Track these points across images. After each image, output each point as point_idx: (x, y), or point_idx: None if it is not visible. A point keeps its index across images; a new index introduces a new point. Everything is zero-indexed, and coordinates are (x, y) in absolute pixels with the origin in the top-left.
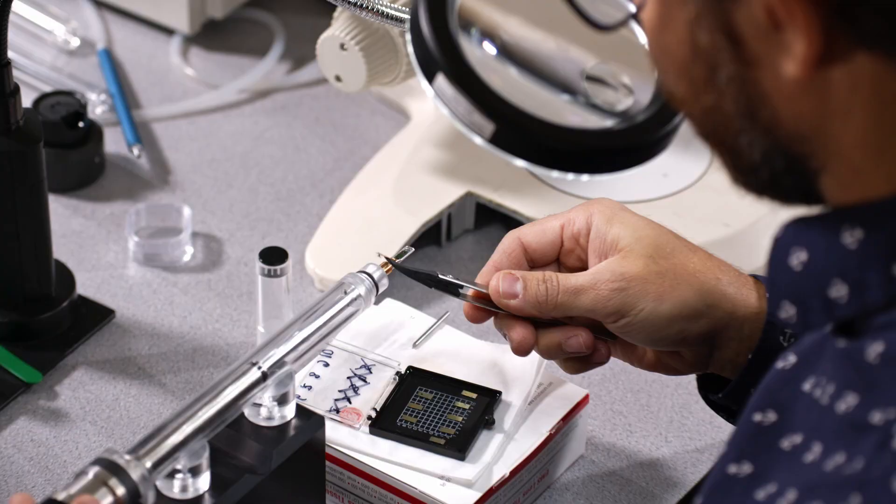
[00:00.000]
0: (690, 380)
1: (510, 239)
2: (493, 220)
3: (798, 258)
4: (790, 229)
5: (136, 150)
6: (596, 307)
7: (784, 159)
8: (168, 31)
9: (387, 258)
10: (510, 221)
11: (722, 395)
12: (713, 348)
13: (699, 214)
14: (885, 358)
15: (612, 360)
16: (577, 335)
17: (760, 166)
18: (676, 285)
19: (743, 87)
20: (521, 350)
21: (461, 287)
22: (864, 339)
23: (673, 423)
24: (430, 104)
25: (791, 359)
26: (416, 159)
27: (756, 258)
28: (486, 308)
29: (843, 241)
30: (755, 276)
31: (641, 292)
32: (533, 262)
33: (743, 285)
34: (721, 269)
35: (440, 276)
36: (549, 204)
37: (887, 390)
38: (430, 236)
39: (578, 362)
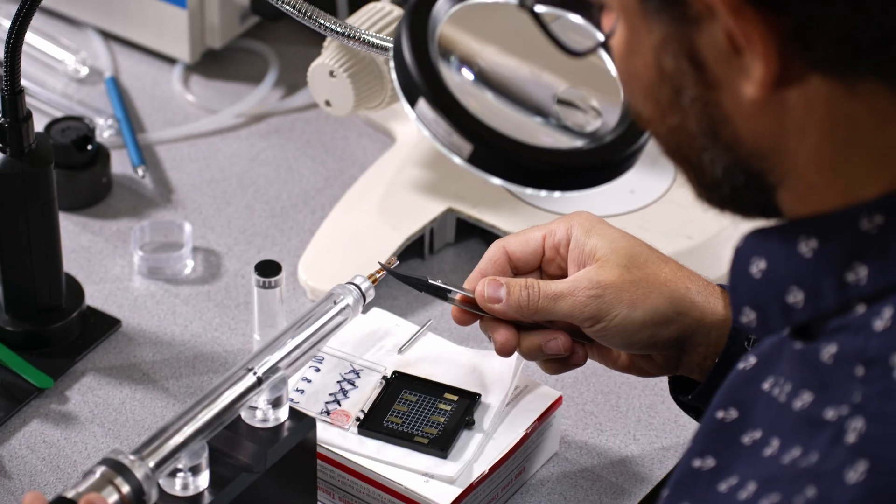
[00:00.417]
0: (657, 382)
1: (495, 248)
2: (472, 235)
3: (757, 266)
4: (750, 240)
5: (140, 171)
6: (574, 312)
7: (744, 175)
8: (170, 60)
9: (381, 264)
10: (489, 235)
11: (691, 396)
12: (682, 352)
13: (664, 228)
14: (837, 358)
15: (587, 362)
16: (557, 338)
17: (722, 182)
18: (649, 293)
19: (705, 108)
20: (504, 351)
21: (449, 291)
22: (819, 341)
23: (641, 422)
24: (413, 127)
25: (751, 360)
26: (400, 178)
27: (718, 268)
28: (472, 312)
29: (800, 251)
30: (722, 286)
31: (616, 299)
32: (516, 269)
33: (711, 294)
34: (690, 279)
35: (430, 282)
36: (525, 219)
37: (840, 388)
38: (414, 249)
39: (557, 364)
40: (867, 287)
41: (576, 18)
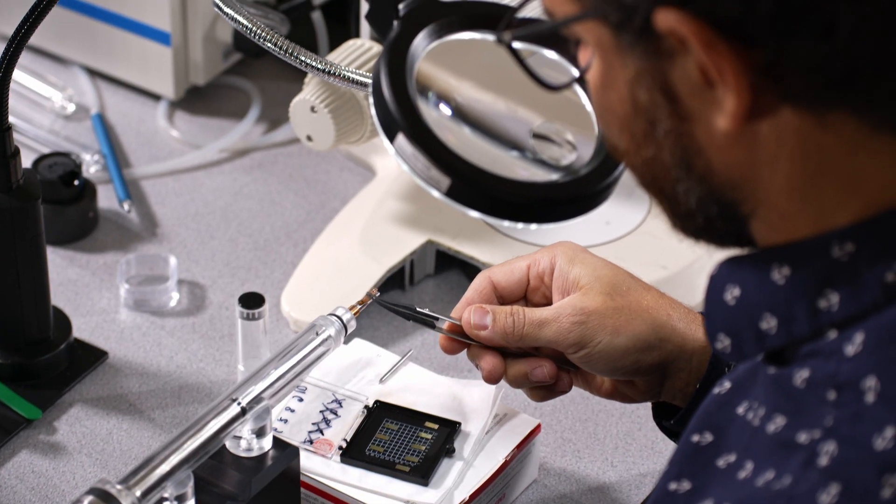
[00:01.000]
0: (633, 409)
1: (481, 278)
2: (452, 266)
3: (732, 294)
4: (724, 268)
5: (126, 206)
6: (558, 338)
7: (717, 205)
8: (155, 97)
9: (369, 294)
10: (468, 267)
11: (673, 421)
12: (665, 378)
13: (640, 258)
14: (809, 382)
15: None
16: (542, 366)
17: (696, 212)
18: (631, 320)
19: (679, 140)
20: (491, 378)
21: (436, 319)
22: (792, 366)
23: (618, 449)
24: (393, 160)
25: (726, 384)
26: (380, 211)
27: (693, 298)
28: (459, 340)
29: (773, 278)
30: (703, 314)
31: (599, 325)
32: (502, 298)
33: (692, 321)
34: (672, 307)
35: (417, 310)
36: (503, 250)
37: (812, 412)
38: (395, 281)
39: (543, 391)
40: (839, 313)
41: (551, 54)
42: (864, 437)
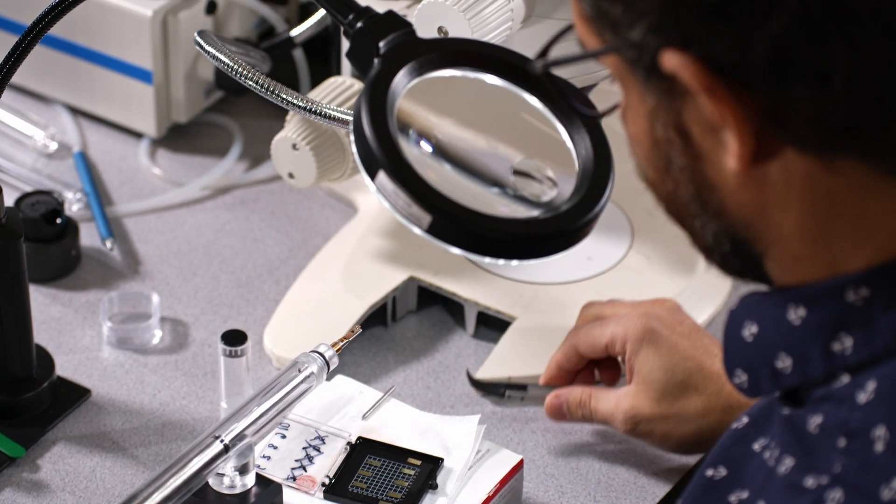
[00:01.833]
0: (616, 445)
1: (569, 345)
2: (434, 302)
3: (750, 330)
4: (744, 304)
5: (108, 244)
6: (618, 431)
7: (730, 242)
8: (137, 135)
9: (352, 330)
10: (450, 303)
11: None
12: None
13: (621, 293)
14: (822, 428)
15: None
16: None
17: (712, 248)
18: (678, 428)
19: (693, 177)
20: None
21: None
22: (806, 408)
23: (601, 484)
24: (375, 198)
25: (744, 419)
26: (362, 248)
27: None
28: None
29: (789, 318)
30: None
31: (648, 431)
32: (589, 360)
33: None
34: (725, 411)
35: (510, 383)
36: (485, 286)
37: (822, 457)
38: (377, 317)
39: None
40: (852, 357)
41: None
42: (871, 487)
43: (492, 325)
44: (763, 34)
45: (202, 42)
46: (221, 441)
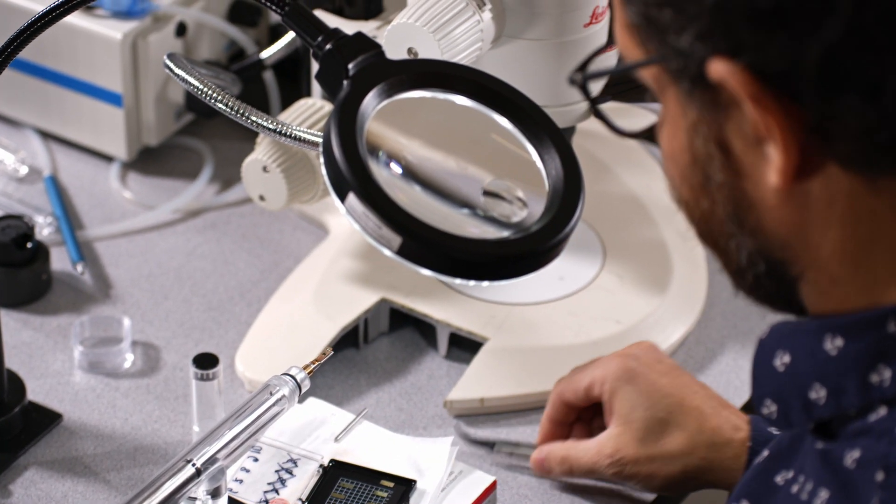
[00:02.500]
0: None
1: (555, 397)
2: (406, 324)
3: (781, 360)
4: (775, 333)
5: (79, 268)
6: (603, 479)
7: (766, 263)
8: (108, 158)
9: (323, 353)
10: (422, 325)
11: None
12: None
13: (593, 313)
14: (860, 462)
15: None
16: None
17: (746, 269)
18: (663, 467)
19: (731, 194)
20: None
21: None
22: (841, 442)
23: None
24: (346, 219)
25: (765, 453)
26: (334, 269)
27: None
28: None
29: (825, 348)
30: (750, 416)
31: (633, 474)
32: (579, 410)
33: (729, 460)
34: (708, 447)
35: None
36: (457, 308)
37: (858, 492)
38: (349, 339)
39: None
40: (890, 389)
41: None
42: None
43: (464, 347)
44: (815, 43)
45: (171, 65)
46: (193, 465)
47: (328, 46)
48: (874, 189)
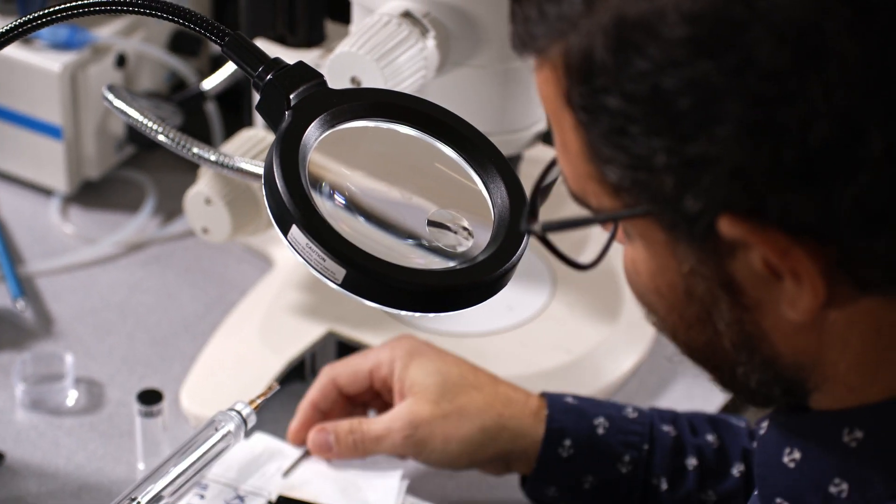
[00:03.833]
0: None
1: (326, 379)
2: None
3: (791, 457)
4: (777, 429)
5: (20, 304)
6: (395, 451)
7: (780, 386)
8: (48, 192)
9: (269, 387)
10: None
11: (526, 487)
12: (508, 463)
13: (543, 343)
14: None
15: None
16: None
17: (755, 392)
18: (460, 426)
19: (742, 328)
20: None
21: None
22: None
23: None
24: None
25: None
26: (280, 302)
27: (597, 382)
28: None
29: (843, 441)
30: (543, 395)
31: (429, 435)
32: (350, 398)
33: (525, 417)
34: (505, 404)
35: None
36: None
37: None
38: (296, 373)
39: None
40: None
41: None
42: None
43: None
44: (846, 191)
45: (110, 98)
46: (138, 503)
47: (269, 77)
48: (894, 304)
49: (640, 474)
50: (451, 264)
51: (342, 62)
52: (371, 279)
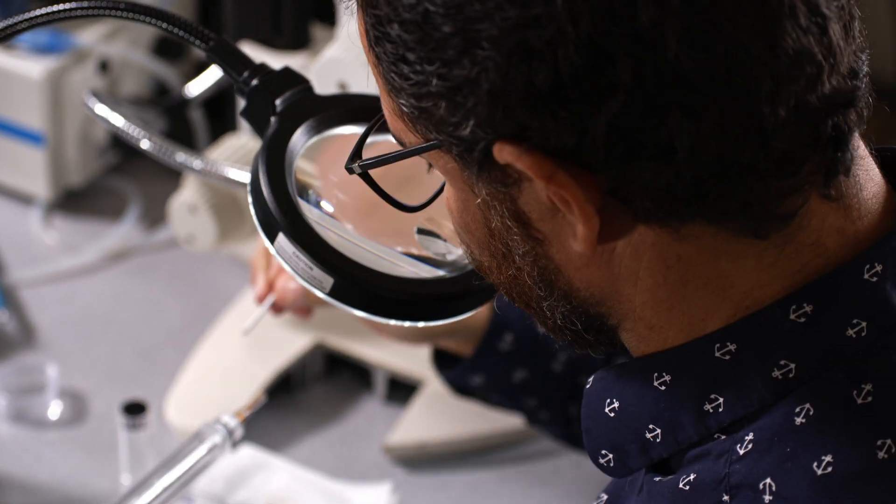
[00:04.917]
0: None
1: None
2: (342, 366)
3: (610, 407)
4: (599, 381)
5: (1, 314)
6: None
7: (581, 322)
8: (29, 200)
9: (256, 399)
10: (358, 367)
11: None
12: (455, 341)
13: None
14: (694, 485)
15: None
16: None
17: (562, 328)
18: None
19: (536, 261)
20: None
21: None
22: (678, 472)
23: None
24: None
25: (603, 497)
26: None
27: None
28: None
29: (653, 386)
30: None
31: None
32: None
33: None
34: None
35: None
36: (394, 349)
37: None
38: (283, 384)
39: None
40: (725, 415)
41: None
42: None
43: (402, 389)
44: (599, 117)
45: (93, 106)
46: None
47: (254, 82)
48: (679, 236)
49: (572, 373)
50: (441, 273)
51: (330, 67)
52: (359, 288)
